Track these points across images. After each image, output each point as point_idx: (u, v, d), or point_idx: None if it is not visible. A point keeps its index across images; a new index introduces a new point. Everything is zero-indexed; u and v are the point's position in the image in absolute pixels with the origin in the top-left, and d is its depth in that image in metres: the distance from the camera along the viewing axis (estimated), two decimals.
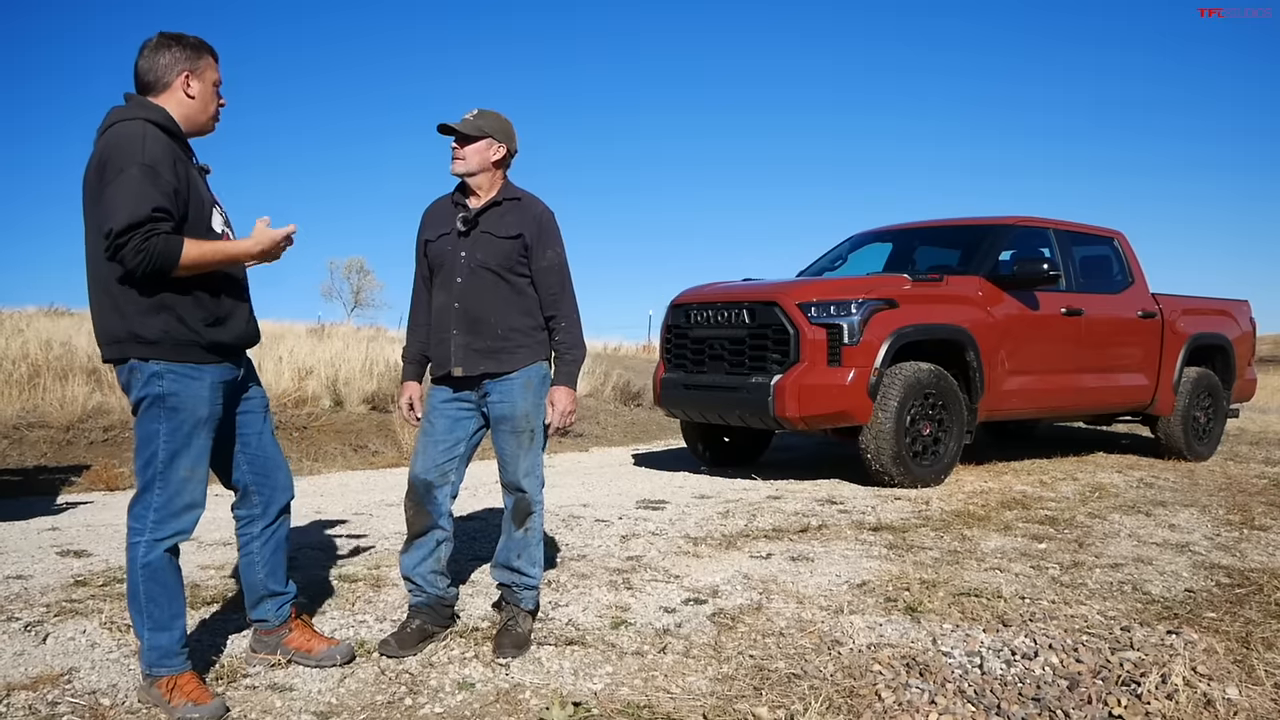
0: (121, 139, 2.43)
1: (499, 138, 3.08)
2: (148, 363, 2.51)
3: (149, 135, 2.45)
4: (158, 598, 2.56)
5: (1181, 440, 8.26)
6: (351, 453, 8.40)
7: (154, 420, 2.54)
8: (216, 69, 2.69)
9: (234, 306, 2.69)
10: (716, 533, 4.91)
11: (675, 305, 7.32)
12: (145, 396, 2.53)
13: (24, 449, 7.27)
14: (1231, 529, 5.26)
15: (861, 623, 3.39)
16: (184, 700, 2.52)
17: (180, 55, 2.60)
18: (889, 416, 6.21)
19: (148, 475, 2.55)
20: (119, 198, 2.38)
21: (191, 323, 2.54)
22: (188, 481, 2.58)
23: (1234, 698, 2.67)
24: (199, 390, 2.57)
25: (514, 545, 3.16)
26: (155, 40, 2.61)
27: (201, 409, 2.58)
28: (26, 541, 4.63)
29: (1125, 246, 8.22)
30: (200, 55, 2.64)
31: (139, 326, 2.49)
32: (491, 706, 2.65)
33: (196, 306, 2.56)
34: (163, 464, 2.54)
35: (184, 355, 2.54)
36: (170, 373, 2.53)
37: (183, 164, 2.54)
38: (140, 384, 2.53)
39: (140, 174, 2.39)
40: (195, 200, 2.56)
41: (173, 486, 2.56)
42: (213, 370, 2.61)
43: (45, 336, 10.44)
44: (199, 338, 2.56)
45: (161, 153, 2.45)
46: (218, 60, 2.71)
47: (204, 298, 2.58)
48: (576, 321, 3.20)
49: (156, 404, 2.53)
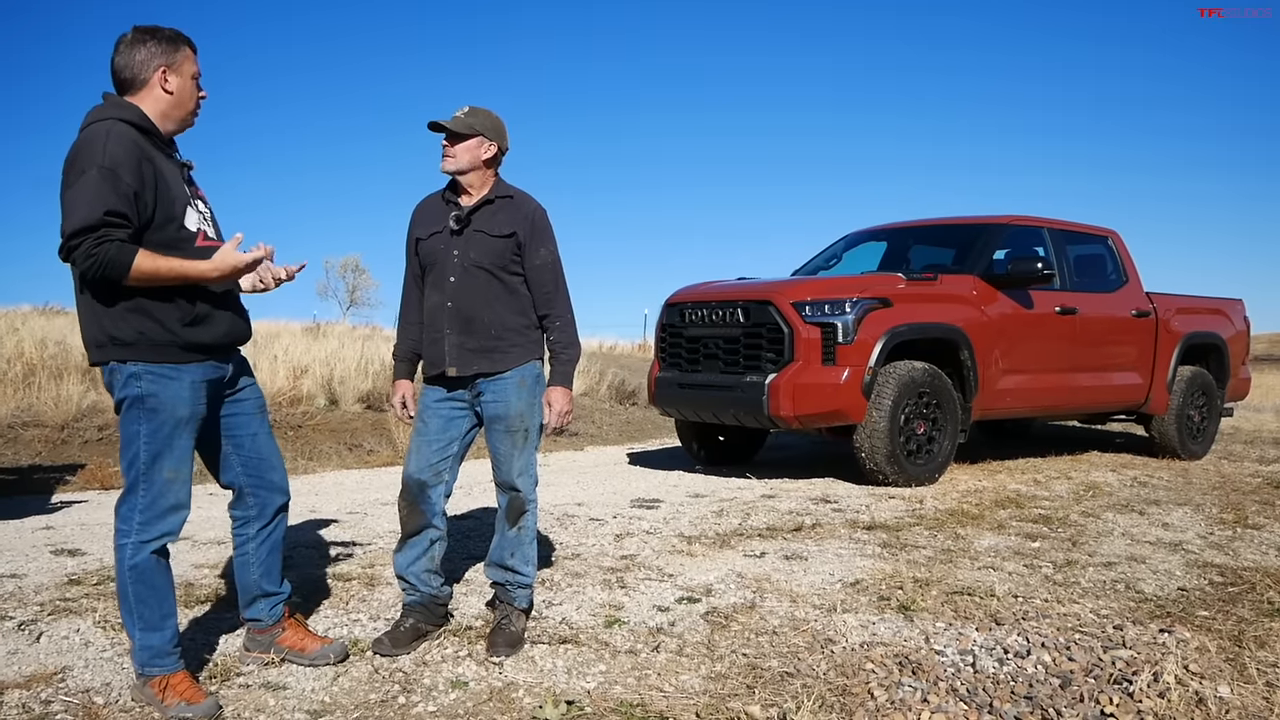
0: (84, 141, 2.41)
1: (490, 135, 3.07)
2: (126, 364, 2.49)
3: (112, 135, 2.40)
4: (147, 599, 2.55)
5: (1175, 439, 8.28)
6: (346, 451, 8.39)
7: (134, 421, 2.52)
8: (195, 61, 2.63)
9: (213, 305, 2.63)
10: (710, 531, 4.91)
11: (670, 304, 7.32)
12: (125, 398, 2.52)
13: (18, 448, 7.25)
14: (1225, 528, 5.27)
15: (855, 621, 3.39)
16: (177, 699, 2.52)
17: (156, 50, 2.54)
18: (883, 415, 6.22)
19: (131, 476, 2.54)
20: (75, 200, 2.35)
21: (168, 323, 2.51)
22: (171, 483, 2.56)
23: (1226, 696, 2.67)
24: (178, 391, 2.54)
25: (507, 544, 3.17)
26: (130, 36, 2.55)
27: (181, 409, 2.55)
28: (21, 540, 4.63)
29: (1119, 245, 8.23)
30: (177, 48, 2.57)
31: (115, 329, 2.47)
32: (485, 705, 2.65)
33: (173, 308, 2.52)
34: (145, 465, 2.53)
35: (161, 355, 2.51)
36: (148, 373, 2.50)
37: (150, 163, 2.48)
38: (120, 385, 2.51)
39: (98, 176, 2.35)
40: (164, 200, 2.51)
41: (156, 488, 2.54)
42: (193, 369, 2.57)
43: (40, 335, 10.42)
44: (176, 338, 2.53)
45: (124, 154, 2.40)
46: (196, 51, 2.64)
47: (180, 299, 2.54)
48: (571, 320, 3.20)
49: (136, 405, 2.51)
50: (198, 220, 2.63)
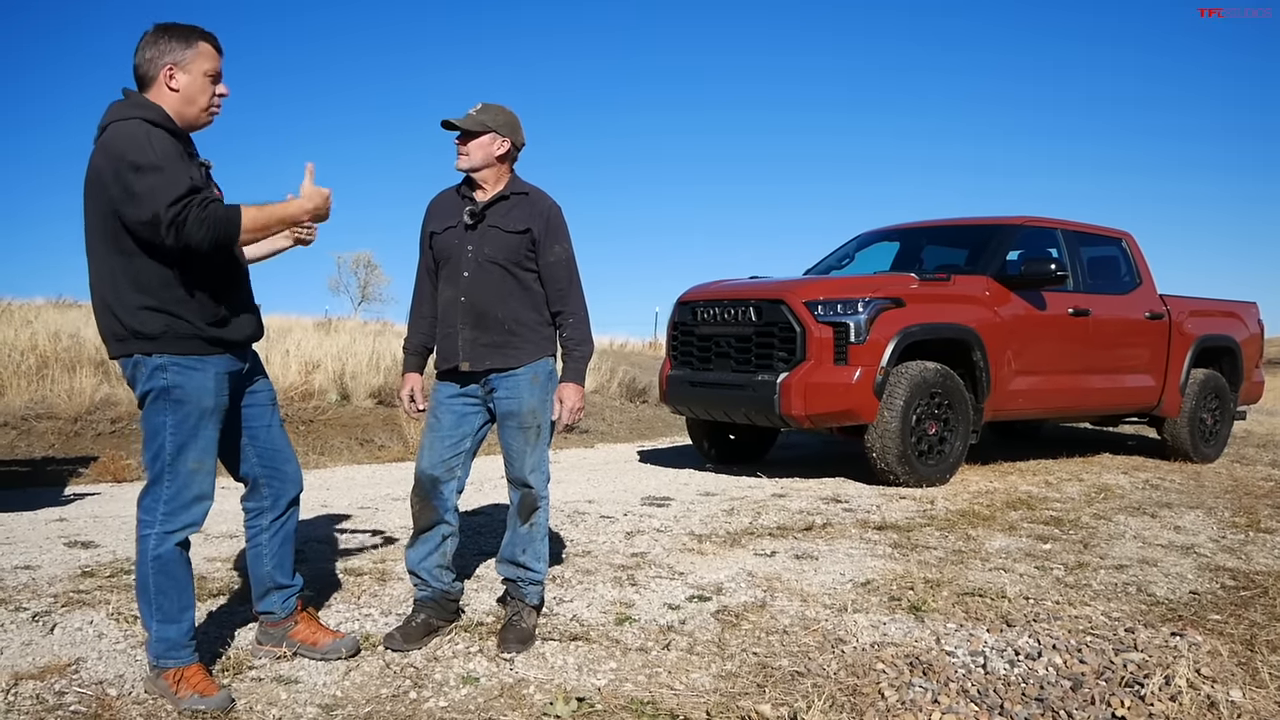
0: (127, 138, 2.39)
1: (503, 132, 3.07)
2: (151, 356, 2.51)
3: (154, 136, 2.41)
4: (167, 590, 2.57)
5: (1188, 442, 8.24)
6: (358, 446, 8.42)
7: (160, 413, 2.54)
8: (212, 58, 2.59)
9: (237, 308, 2.66)
10: (721, 530, 4.91)
11: (682, 302, 7.32)
12: (150, 390, 2.53)
13: (32, 440, 7.30)
14: (1237, 531, 5.25)
15: (865, 621, 3.39)
16: (190, 692, 2.53)
17: (165, 48, 2.53)
18: (895, 415, 6.21)
19: (156, 468, 2.56)
20: (154, 185, 2.34)
21: (194, 321, 2.53)
22: (196, 474, 2.58)
23: (1238, 700, 2.66)
24: (204, 381, 2.56)
25: (519, 540, 3.17)
26: (149, 33, 2.55)
27: (207, 400, 2.57)
28: (34, 532, 4.66)
29: (1133, 247, 8.19)
30: (189, 45, 2.54)
31: (138, 323, 2.48)
32: (495, 701, 2.66)
33: (199, 310, 2.54)
34: (170, 456, 2.55)
35: (187, 347, 2.53)
36: (174, 365, 2.52)
37: (185, 161, 2.50)
38: (145, 378, 2.53)
39: (160, 161, 2.36)
40: None
41: (181, 479, 2.56)
42: (217, 361, 2.60)
43: (54, 328, 10.47)
44: (201, 332, 2.55)
45: (172, 151, 2.43)
46: (217, 48, 2.61)
47: (205, 301, 2.56)
48: (584, 317, 3.20)
49: (162, 397, 2.53)
50: None
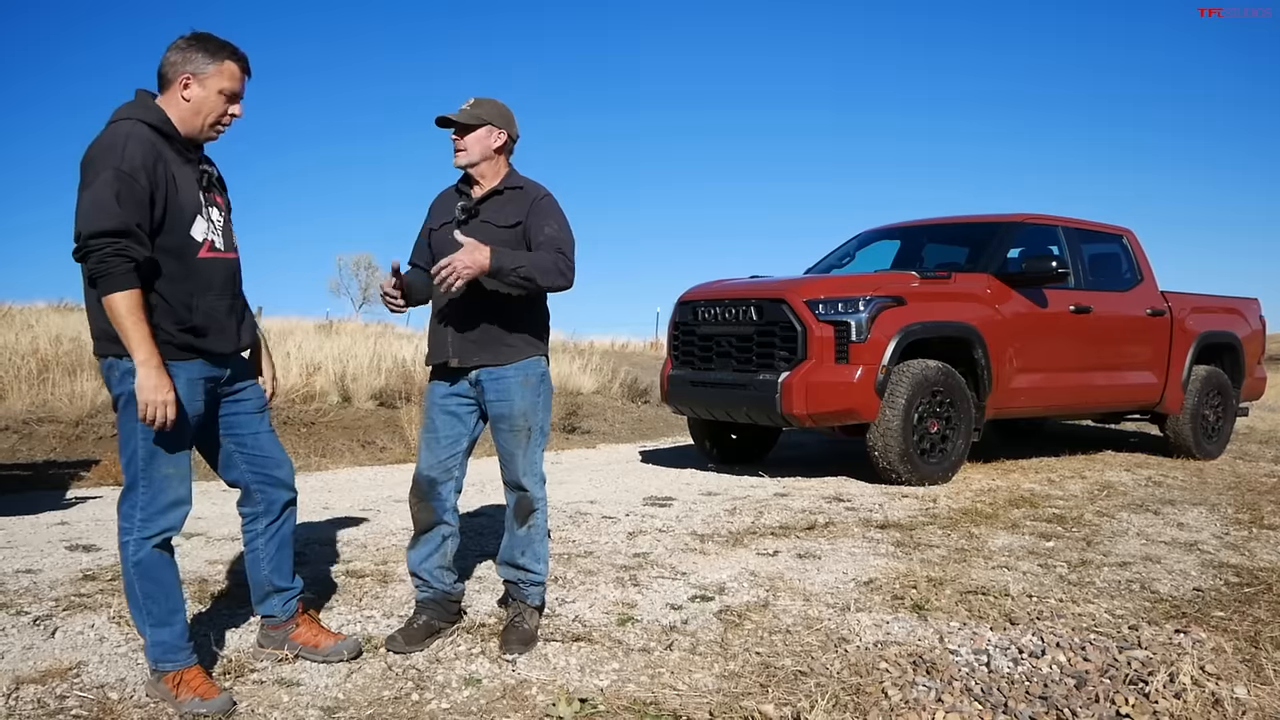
0: (106, 142, 2.42)
1: (499, 124, 3.06)
2: (123, 359, 2.48)
3: (132, 137, 2.42)
4: (153, 594, 2.56)
5: (1190, 439, 8.22)
6: (359, 449, 8.41)
7: (132, 417, 2.50)
8: (234, 78, 2.60)
9: (215, 316, 2.64)
10: (723, 530, 4.90)
11: (683, 302, 7.31)
12: (122, 393, 2.52)
13: (33, 444, 7.30)
14: (1240, 528, 5.24)
15: (868, 620, 3.38)
16: (191, 695, 2.53)
17: (189, 57, 2.55)
18: (896, 414, 6.19)
19: (131, 473, 2.54)
20: (93, 201, 2.36)
21: (164, 326, 2.51)
22: (170, 479, 2.56)
23: (1242, 697, 2.65)
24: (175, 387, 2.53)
25: (518, 542, 3.16)
26: (182, 38, 2.58)
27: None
28: (35, 536, 4.65)
29: (1134, 244, 8.18)
30: (213, 60, 2.57)
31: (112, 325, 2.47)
32: (498, 702, 2.65)
33: (170, 316, 2.53)
34: (143, 461, 2.53)
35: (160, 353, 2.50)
36: None
37: (165, 166, 2.49)
38: (117, 380, 2.52)
39: (114, 179, 2.37)
40: (174, 207, 2.52)
41: (156, 484, 2.54)
42: (189, 367, 2.57)
43: (55, 331, 10.48)
44: (172, 338, 2.53)
45: (142, 157, 2.42)
46: (244, 69, 2.63)
47: (178, 307, 2.54)
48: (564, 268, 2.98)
49: (133, 401, 2.49)
50: (206, 229, 2.62)
